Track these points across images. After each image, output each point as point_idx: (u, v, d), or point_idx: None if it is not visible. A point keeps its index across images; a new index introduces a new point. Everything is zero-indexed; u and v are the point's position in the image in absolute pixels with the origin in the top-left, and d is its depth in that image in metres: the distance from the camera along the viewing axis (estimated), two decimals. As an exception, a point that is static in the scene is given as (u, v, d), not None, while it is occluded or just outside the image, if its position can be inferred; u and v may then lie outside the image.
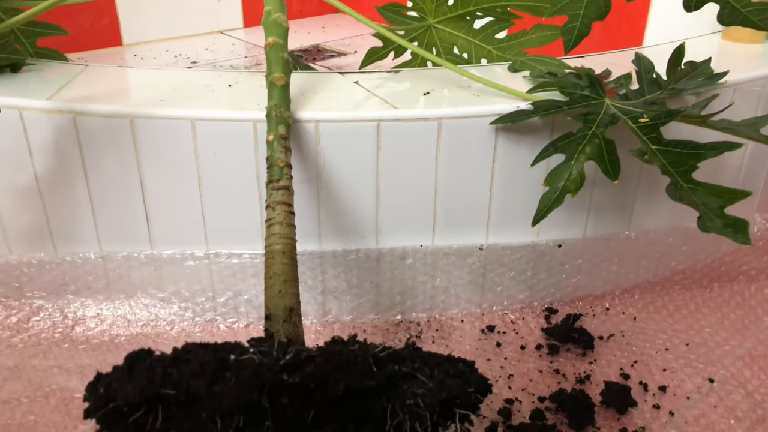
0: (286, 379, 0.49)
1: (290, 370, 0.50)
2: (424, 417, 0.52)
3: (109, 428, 0.50)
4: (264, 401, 0.49)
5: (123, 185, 0.89)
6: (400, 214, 0.91)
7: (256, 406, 0.50)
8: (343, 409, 0.54)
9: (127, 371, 0.49)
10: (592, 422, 0.79)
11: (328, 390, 0.51)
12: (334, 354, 0.51)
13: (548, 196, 0.78)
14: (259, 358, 0.50)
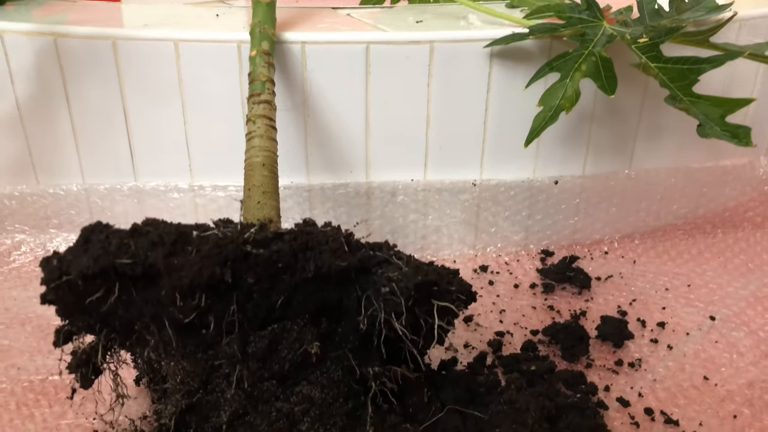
0: (251, 253, 0.46)
1: (256, 245, 0.47)
2: (399, 305, 0.49)
3: (63, 304, 0.47)
4: (227, 276, 0.46)
5: (106, 112, 0.87)
6: (391, 146, 0.88)
7: (219, 283, 0.47)
8: (314, 301, 0.51)
9: (83, 244, 0.46)
10: (586, 353, 0.75)
11: (297, 272, 0.49)
12: (304, 233, 0.48)
13: (543, 115, 0.75)
14: (223, 233, 0.47)
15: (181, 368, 0.53)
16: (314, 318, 0.52)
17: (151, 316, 0.49)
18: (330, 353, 0.54)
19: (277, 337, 0.51)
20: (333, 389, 0.53)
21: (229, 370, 0.52)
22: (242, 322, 0.50)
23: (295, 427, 0.51)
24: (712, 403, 0.68)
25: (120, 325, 0.53)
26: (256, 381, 0.51)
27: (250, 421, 0.51)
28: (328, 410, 0.52)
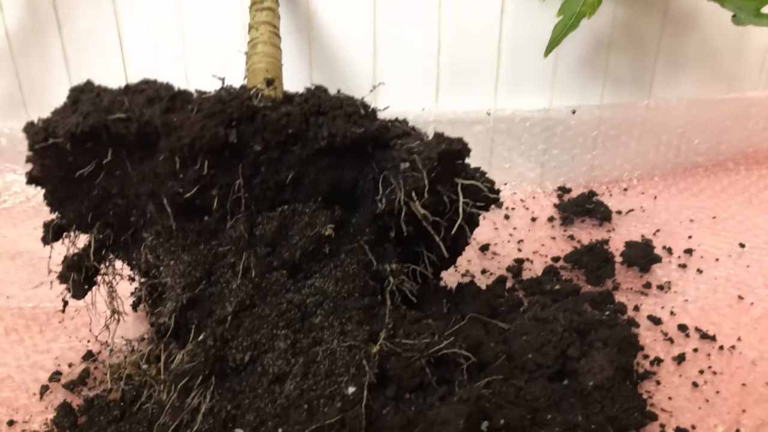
0: (258, 112, 0.42)
1: (263, 108, 0.42)
2: (420, 180, 0.45)
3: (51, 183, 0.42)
4: (232, 137, 0.41)
5: (99, 38, 0.82)
6: (400, 72, 0.84)
7: (222, 148, 0.42)
8: (326, 181, 0.47)
9: (71, 104, 0.42)
10: (612, 276, 0.71)
11: (309, 142, 0.44)
12: (316, 96, 0.44)
13: (563, 23, 0.71)
14: (227, 93, 0.42)
15: (181, 263, 0.48)
16: (327, 203, 0.48)
17: (149, 193, 0.45)
18: (344, 246, 0.50)
19: (287, 220, 0.46)
20: (348, 283, 0.49)
21: (234, 259, 0.47)
22: (249, 202, 0.46)
23: (308, 320, 0.47)
24: (748, 320, 0.64)
25: (114, 215, 0.49)
26: (265, 270, 0.47)
27: (258, 312, 0.46)
28: (343, 304, 0.48)
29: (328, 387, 0.43)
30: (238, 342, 0.45)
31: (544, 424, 0.47)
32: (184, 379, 0.43)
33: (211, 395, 0.44)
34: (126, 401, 0.52)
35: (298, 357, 0.45)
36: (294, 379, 0.44)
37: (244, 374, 0.45)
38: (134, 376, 0.54)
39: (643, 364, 0.58)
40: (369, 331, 0.47)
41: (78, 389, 0.55)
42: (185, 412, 0.43)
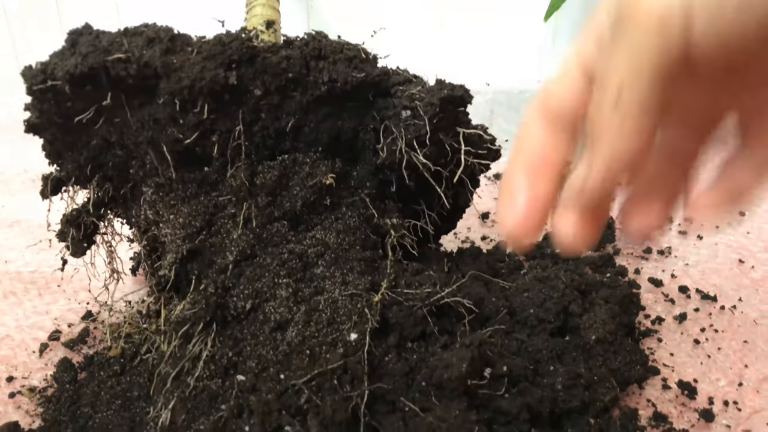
0: (258, 54, 0.41)
1: (263, 51, 0.42)
2: (422, 127, 0.44)
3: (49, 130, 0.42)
4: (232, 79, 0.41)
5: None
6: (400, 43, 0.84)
7: (222, 91, 0.42)
8: (327, 130, 0.47)
9: (70, 47, 0.42)
10: (612, 241, 0.71)
11: (309, 87, 0.44)
12: (317, 40, 0.44)
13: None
14: (227, 35, 0.42)
15: (181, 215, 0.48)
16: (327, 155, 0.48)
17: (149, 141, 0.44)
18: (345, 199, 0.49)
19: (287, 170, 0.46)
20: (349, 235, 0.48)
21: (235, 209, 0.47)
22: (249, 151, 0.45)
23: (309, 270, 0.46)
24: (749, 282, 0.64)
25: (113, 167, 0.48)
26: (266, 221, 0.47)
27: (259, 262, 0.46)
28: (344, 255, 0.47)
29: (330, 334, 0.43)
30: (239, 290, 0.45)
31: (546, 375, 0.47)
32: (185, 327, 0.43)
33: (212, 342, 0.43)
34: (126, 357, 0.51)
35: (300, 305, 0.45)
36: (296, 327, 0.43)
37: (245, 322, 0.44)
38: (134, 334, 0.54)
39: (644, 323, 0.58)
40: (370, 281, 0.46)
41: (78, 347, 0.55)
42: (186, 360, 0.43)
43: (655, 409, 0.48)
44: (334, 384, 0.40)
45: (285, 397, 0.40)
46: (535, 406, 0.44)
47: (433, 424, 0.39)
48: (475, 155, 0.47)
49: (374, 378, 0.42)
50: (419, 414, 0.40)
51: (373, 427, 0.40)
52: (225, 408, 0.41)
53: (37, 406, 0.49)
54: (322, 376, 0.41)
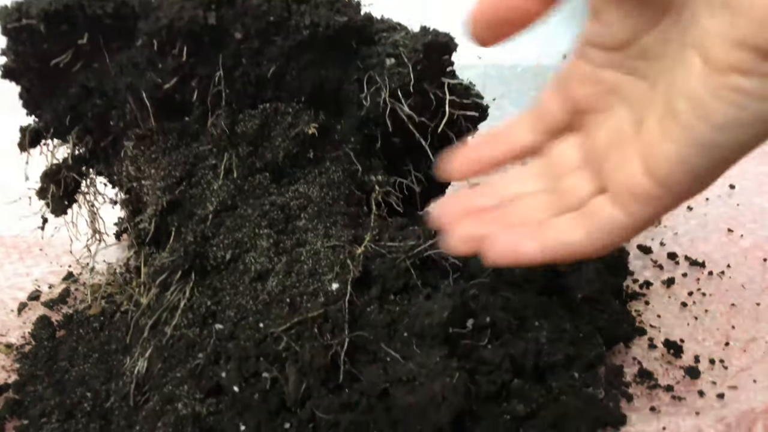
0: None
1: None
2: (407, 75, 0.44)
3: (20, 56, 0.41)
4: (211, 19, 0.40)
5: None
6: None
7: (202, 33, 0.41)
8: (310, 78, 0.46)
9: (46, -14, 0.41)
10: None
11: (291, 32, 0.43)
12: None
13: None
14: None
15: (162, 168, 0.47)
16: (311, 106, 0.47)
17: (128, 86, 0.43)
18: (329, 153, 0.49)
19: (269, 119, 0.45)
20: (333, 190, 0.48)
21: (216, 161, 0.46)
22: (230, 99, 0.45)
23: (291, 222, 0.46)
24: (738, 250, 0.64)
25: (93, 118, 0.47)
26: (247, 173, 0.46)
27: (240, 213, 0.45)
28: (327, 209, 0.47)
29: (311, 284, 0.42)
30: (219, 240, 0.44)
31: (531, 329, 0.46)
32: (163, 275, 0.42)
33: (191, 292, 0.43)
34: (106, 315, 0.51)
35: (281, 256, 0.44)
36: (276, 277, 0.43)
37: (225, 272, 0.44)
38: (115, 294, 0.53)
39: (632, 287, 0.58)
40: (354, 235, 0.46)
41: (57, 307, 0.54)
42: (164, 309, 0.42)
43: (640, 366, 0.48)
44: (314, 332, 0.40)
45: (263, 345, 0.40)
46: (518, 358, 0.43)
47: (413, 371, 0.38)
48: (461, 106, 0.47)
49: (355, 328, 0.41)
50: (399, 361, 0.39)
51: (353, 375, 0.40)
52: (202, 356, 0.40)
53: (13, 362, 0.48)
54: (301, 324, 0.40)
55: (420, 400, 0.36)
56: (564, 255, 0.37)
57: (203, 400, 0.38)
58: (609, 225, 0.34)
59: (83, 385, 0.43)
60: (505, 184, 0.43)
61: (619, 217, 0.33)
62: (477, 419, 0.40)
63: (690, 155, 0.29)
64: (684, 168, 0.29)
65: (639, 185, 0.31)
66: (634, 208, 0.33)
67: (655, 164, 0.30)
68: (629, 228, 0.34)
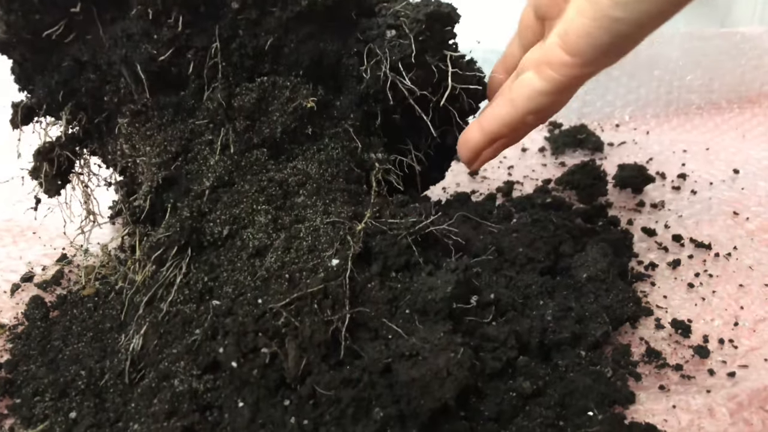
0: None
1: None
2: (408, 47, 0.43)
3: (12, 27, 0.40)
4: (208, -12, 0.39)
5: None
6: None
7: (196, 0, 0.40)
8: (308, 52, 0.45)
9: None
10: (604, 194, 0.69)
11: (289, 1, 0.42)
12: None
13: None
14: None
15: (157, 145, 0.46)
16: (309, 80, 0.46)
17: (122, 59, 0.42)
18: (328, 129, 0.48)
19: (266, 93, 0.44)
20: (332, 167, 0.47)
21: (212, 136, 0.45)
22: (226, 72, 0.43)
23: (290, 199, 0.45)
24: (744, 233, 0.63)
25: (87, 93, 0.46)
26: (244, 148, 0.45)
27: (237, 189, 0.44)
28: (327, 186, 0.46)
29: (311, 260, 0.41)
30: (216, 215, 0.43)
31: (536, 308, 0.45)
32: (159, 251, 0.41)
33: (187, 268, 0.41)
34: (101, 296, 0.50)
35: (280, 233, 0.43)
36: (275, 253, 0.42)
37: (222, 248, 0.43)
38: (109, 276, 0.52)
39: (637, 268, 0.57)
40: (353, 211, 0.45)
41: (51, 289, 0.53)
42: (160, 285, 0.41)
43: (648, 346, 0.47)
44: (314, 308, 0.39)
45: (262, 321, 0.39)
46: (523, 335, 0.42)
47: (416, 345, 0.37)
48: (464, 80, 0.45)
49: (356, 305, 0.40)
50: (402, 336, 0.38)
51: (354, 352, 0.38)
52: (199, 332, 0.39)
53: (5, 342, 0.47)
54: (301, 300, 0.39)
55: (424, 375, 0.35)
56: (498, 128, 0.46)
57: (200, 376, 0.37)
58: (529, 91, 0.42)
59: (77, 363, 0.41)
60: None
61: (536, 83, 0.41)
62: (482, 396, 0.39)
63: (593, 27, 0.36)
64: (589, 40, 0.37)
65: (554, 55, 0.39)
66: (548, 74, 0.40)
67: (567, 37, 0.38)
68: (546, 92, 0.41)
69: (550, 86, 0.41)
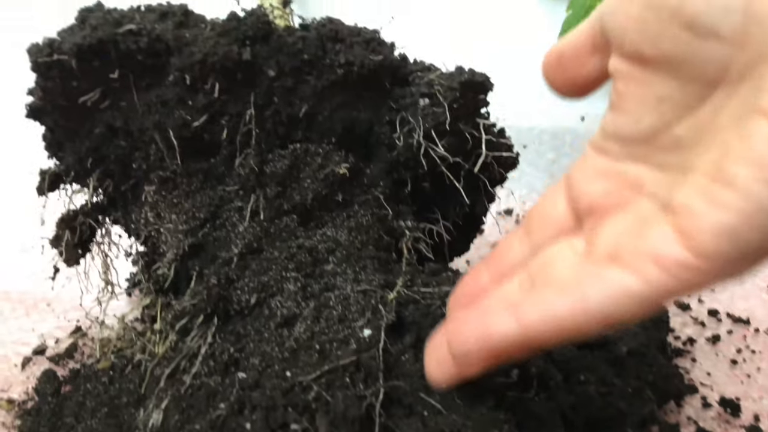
0: (274, 33, 0.40)
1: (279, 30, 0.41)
2: (442, 114, 0.43)
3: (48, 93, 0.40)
4: (246, 55, 0.39)
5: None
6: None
7: (236, 69, 0.40)
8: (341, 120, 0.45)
9: (79, 24, 0.40)
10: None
11: (325, 71, 0.42)
12: (333, 22, 0.43)
13: (573, 17, 0.71)
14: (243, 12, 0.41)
15: (184, 212, 0.45)
16: (341, 148, 0.46)
17: (155, 125, 0.42)
18: (358, 196, 0.47)
19: (298, 160, 0.44)
20: (362, 234, 0.46)
21: (242, 203, 0.44)
22: (260, 139, 0.43)
23: (319, 266, 0.43)
24: None
25: (116, 160, 0.46)
26: (274, 215, 0.44)
27: (266, 255, 0.43)
28: (356, 253, 0.44)
29: (342, 331, 0.39)
30: (243, 282, 0.41)
31: (577, 383, 0.43)
32: (184, 320, 0.40)
33: (213, 338, 0.40)
34: (116, 370, 0.47)
35: (309, 301, 0.41)
36: (304, 322, 0.40)
37: (249, 317, 0.41)
38: (126, 349, 0.50)
39: (675, 344, 0.54)
40: (384, 279, 0.43)
41: (64, 362, 0.51)
42: (183, 356, 0.39)
43: (697, 426, 0.44)
44: (346, 381, 0.36)
45: (291, 394, 0.36)
46: (568, 413, 0.39)
47: (457, 423, 0.35)
48: (496, 147, 0.45)
49: (390, 378, 0.38)
50: (442, 412, 0.36)
51: (388, 429, 0.36)
52: (224, 406, 0.36)
53: (14, 419, 0.44)
54: (332, 373, 0.37)
55: (468, 454, 0.33)
56: (551, 330, 0.29)
57: (225, 455, 0.34)
58: (615, 290, 0.27)
59: (91, 441, 0.39)
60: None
61: (631, 283, 0.26)
62: (528, 478, 0.36)
63: (741, 223, 0.24)
64: (732, 239, 0.24)
65: (670, 253, 0.25)
66: (655, 275, 0.26)
67: (698, 234, 0.25)
68: (642, 296, 0.26)
69: (651, 290, 0.26)
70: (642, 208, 0.28)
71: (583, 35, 0.31)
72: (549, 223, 0.34)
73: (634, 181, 0.29)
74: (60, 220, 0.49)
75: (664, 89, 0.27)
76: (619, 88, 0.28)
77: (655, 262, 0.26)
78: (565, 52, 0.32)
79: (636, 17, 0.27)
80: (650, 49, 0.26)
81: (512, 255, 0.35)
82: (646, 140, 0.28)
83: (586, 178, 0.31)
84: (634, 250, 0.27)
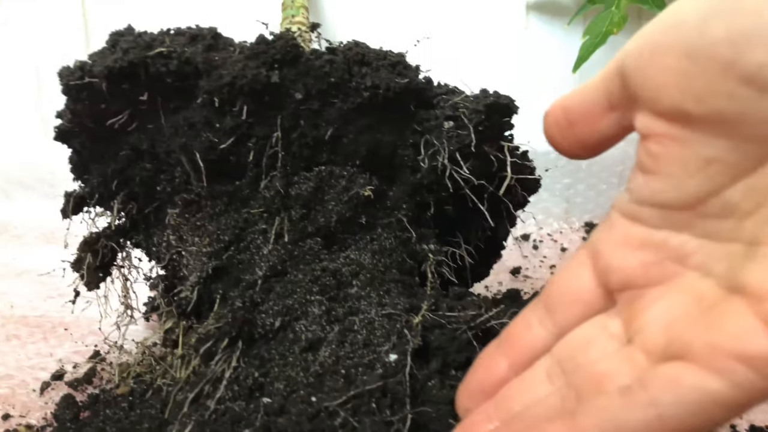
0: (302, 56, 0.40)
1: (307, 53, 0.41)
2: (466, 136, 0.43)
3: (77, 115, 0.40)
4: (274, 77, 0.40)
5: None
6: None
7: (263, 91, 0.41)
8: (366, 143, 0.45)
9: (110, 47, 0.41)
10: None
11: (351, 94, 0.43)
12: (360, 46, 0.43)
13: (590, 42, 0.71)
14: (271, 35, 0.41)
15: (208, 235, 0.45)
16: (365, 170, 0.46)
17: (181, 146, 0.42)
18: (381, 219, 0.47)
19: (323, 182, 0.44)
20: (385, 257, 0.45)
21: (266, 226, 0.44)
22: (285, 161, 0.43)
23: (343, 289, 0.43)
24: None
25: (140, 183, 0.46)
26: (298, 237, 0.44)
27: (290, 278, 0.42)
28: (380, 277, 0.44)
29: (367, 355, 0.39)
30: (268, 306, 0.41)
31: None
32: (208, 344, 0.39)
33: (237, 361, 0.39)
34: (136, 395, 0.47)
35: (333, 325, 0.41)
36: (329, 347, 0.39)
37: (273, 341, 0.40)
38: (145, 374, 0.49)
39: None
40: (409, 303, 0.43)
41: (82, 387, 0.50)
42: (207, 380, 0.38)
43: (732, 458, 0.42)
44: (372, 407, 0.36)
45: (317, 420, 0.36)
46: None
47: (487, 450, 0.34)
48: (519, 170, 0.45)
49: (416, 404, 0.37)
50: (473, 439, 0.35)
51: (417, 457, 0.35)
52: (249, 431, 0.36)
53: (33, 444, 0.43)
54: (358, 398, 0.36)
55: (500, 483, 0.32)
56: None
57: (251, 482, 0.33)
58: (696, 396, 0.22)
59: (112, 467, 0.38)
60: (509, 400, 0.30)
61: (715, 386, 0.22)
62: None
63: None
64: None
65: (760, 349, 0.21)
66: (743, 376, 0.22)
67: None
68: (731, 401, 0.22)
69: (742, 394, 0.22)
70: (696, 286, 0.25)
71: (596, 91, 0.27)
72: (573, 299, 0.29)
73: (677, 252, 0.26)
74: (83, 242, 0.49)
75: (714, 150, 0.23)
76: (653, 150, 0.25)
77: (740, 360, 0.22)
78: (571, 109, 0.28)
79: (676, 71, 0.23)
80: (697, 106, 0.23)
81: (532, 337, 0.31)
82: (690, 206, 0.25)
83: (616, 248, 0.27)
84: (709, 345, 0.23)
